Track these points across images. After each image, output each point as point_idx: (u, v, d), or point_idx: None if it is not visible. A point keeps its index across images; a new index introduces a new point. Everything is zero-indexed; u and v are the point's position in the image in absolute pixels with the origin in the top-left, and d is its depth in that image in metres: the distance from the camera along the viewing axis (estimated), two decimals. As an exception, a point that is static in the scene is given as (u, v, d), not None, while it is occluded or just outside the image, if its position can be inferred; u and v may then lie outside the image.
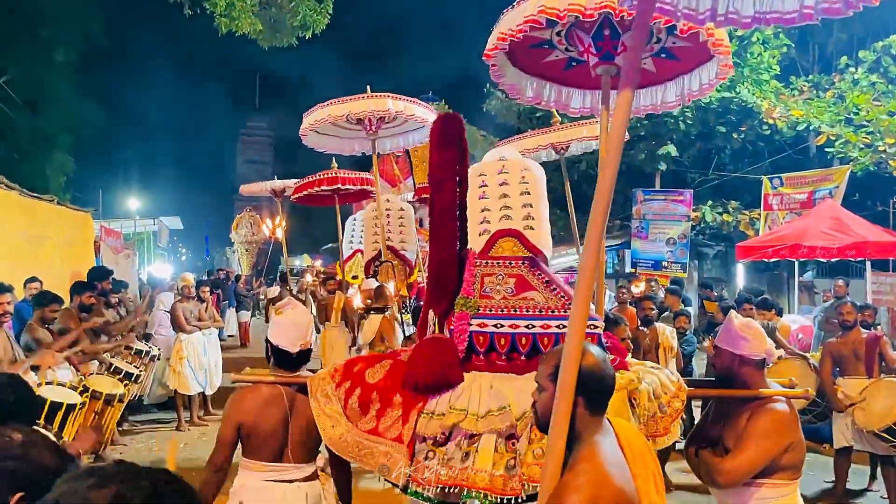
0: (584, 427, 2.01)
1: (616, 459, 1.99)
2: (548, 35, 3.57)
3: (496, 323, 2.84)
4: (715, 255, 18.46)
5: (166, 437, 7.95)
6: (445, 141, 3.17)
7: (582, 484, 1.86)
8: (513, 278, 2.94)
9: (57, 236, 10.87)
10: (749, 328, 2.98)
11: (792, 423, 2.86)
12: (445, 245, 3.03)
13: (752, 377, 2.96)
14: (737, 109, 14.46)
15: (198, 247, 52.63)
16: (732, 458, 2.85)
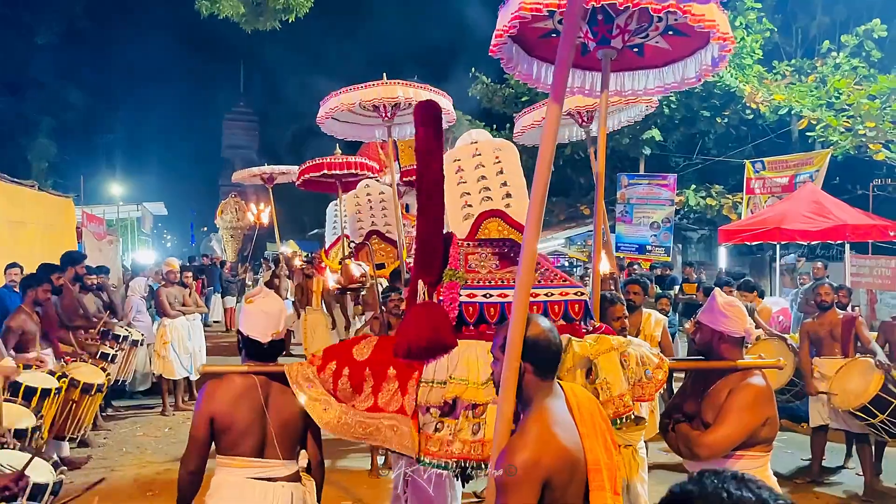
0: (534, 391, 2.17)
1: (563, 420, 2.13)
2: (552, 25, 3.70)
3: (485, 293, 2.86)
4: (699, 238, 18.60)
5: (150, 422, 7.96)
6: (428, 120, 3.16)
7: (527, 442, 2.03)
8: (496, 256, 3.03)
9: (37, 222, 10.78)
10: (731, 306, 3.06)
11: (769, 398, 2.95)
12: (432, 218, 3.04)
13: (731, 353, 3.04)
14: (720, 94, 14.53)
15: (183, 233, 52.32)
16: (713, 432, 2.91)
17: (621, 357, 2.73)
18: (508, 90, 17.87)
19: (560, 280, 2.93)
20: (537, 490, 2.00)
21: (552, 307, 2.83)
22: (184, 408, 8.51)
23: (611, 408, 2.64)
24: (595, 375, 2.68)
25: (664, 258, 14.24)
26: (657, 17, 3.54)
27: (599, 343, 2.74)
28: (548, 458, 2.01)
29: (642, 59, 4.05)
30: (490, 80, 18.36)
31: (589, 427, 2.16)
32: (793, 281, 12.72)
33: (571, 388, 2.27)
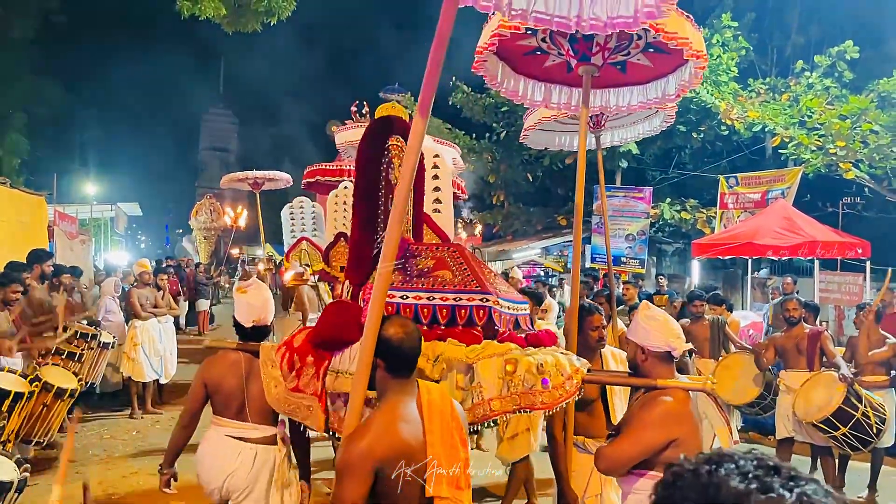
0: (386, 387, 2.38)
1: (407, 416, 2.30)
2: (535, 42, 3.79)
3: (402, 295, 3.05)
4: (673, 251, 18.81)
5: (118, 425, 7.86)
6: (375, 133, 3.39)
7: (364, 433, 2.23)
8: (434, 260, 3.18)
9: (8, 220, 10.60)
10: (651, 320, 2.90)
11: (679, 418, 2.76)
12: (364, 224, 3.27)
13: (655, 369, 2.87)
14: (696, 109, 14.73)
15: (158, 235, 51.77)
16: (611, 445, 2.89)
17: (506, 363, 2.74)
18: (489, 99, 17.95)
19: (473, 286, 3.00)
20: (368, 476, 2.17)
21: (459, 311, 2.96)
22: (152, 411, 8.41)
23: (479, 411, 2.74)
24: (471, 379, 2.77)
25: (639, 270, 14.38)
26: (636, 35, 3.62)
27: (483, 349, 2.82)
28: (380, 449, 2.18)
29: (625, 75, 4.14)
30: (470, 89, 18.44)
31: (436, 424, 2.30)
32: (764, 295, 12.93)
33: (427, 387, 2.42)
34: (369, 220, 3.28)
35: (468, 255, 3.21)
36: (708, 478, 0.97)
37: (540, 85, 4.39)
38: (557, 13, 2.68)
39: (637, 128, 5.87)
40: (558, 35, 3.70)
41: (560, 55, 3.90)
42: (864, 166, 11.73)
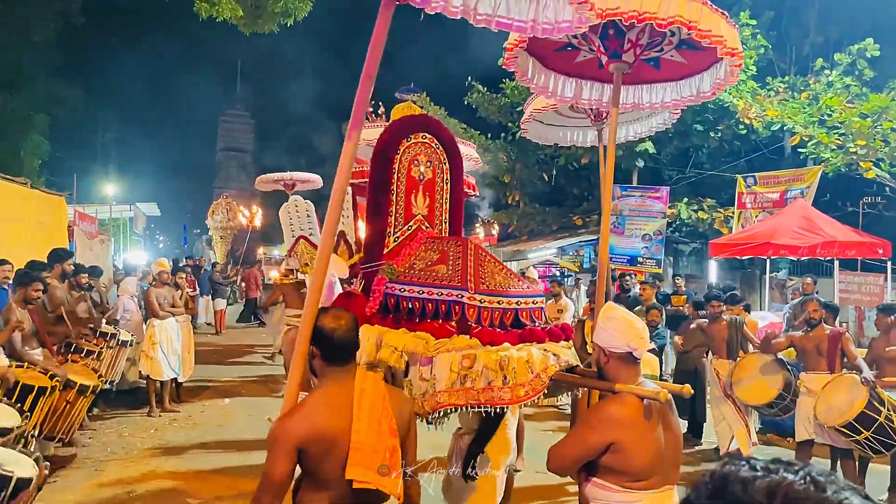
0: (321, 373, 2.55)
1: (334, 402, 2.45)
2: (566, 38, 3.78)
3: (401, 288, 3.20)
4: (690, 252, 18.68)
5: (136, 423, 7.92)
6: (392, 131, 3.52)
7: (291, 415, 2.43)
8: (439, 254, 3.30)
9: (29, 220, 10.73)
10: (610, 320, 2.80)
11: (621, 423, 2.64)
12: (376, 220, 3.42)
13: (616, 371, 2.77)
14: (714, 108, 14.61)
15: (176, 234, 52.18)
16: (557, 443, 2.86)
17: (463, 358, 2.82)
18: (504, 99, 17.93)
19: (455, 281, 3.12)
20: (289, 454, 2.34)
21: (440, 305, 3.08)
22: (170, 409, 8.47)
23: (431, 402, 2.86)
24: (430, 371, 2.88)
25: (655, 270, 14.29)
26: (670, 31, 3.57)
27: (446, 343, 2.92)
28: (302, 430, 2.35)
29: (659, 72, 4.08)
30: (486, 89, 18.42)
31: (364, 411, 2.43)
32: (782, 296, 12.80)
33: (363, 376, 2.55)
34: (382, 215, 3.39)
35: (470, 249, 3.21)
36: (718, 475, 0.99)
37: (571, 81, 4.33)
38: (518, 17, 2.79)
39: (640, 125, 5.75)
40: (589, 31, 3.67)
41: (591, 51, 3.86)
42: (885, 165, 11.58)
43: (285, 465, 2.35)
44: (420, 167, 3.51)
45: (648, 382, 2.81)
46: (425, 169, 3.54)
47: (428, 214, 3.60)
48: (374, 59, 2.62)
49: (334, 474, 2.39)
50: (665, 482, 2.72)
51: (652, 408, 2.69)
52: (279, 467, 2.34)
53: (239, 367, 11.87)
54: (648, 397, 2.66)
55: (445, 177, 3.68)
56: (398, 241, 3.46)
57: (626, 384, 2.73)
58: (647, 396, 2.66)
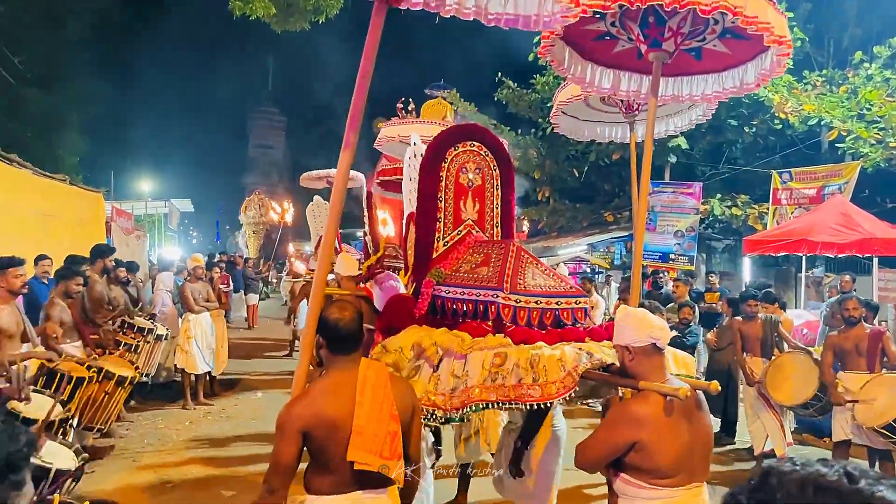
0: (328, 362, 2.72)
1: (337, 389, 2.60)
2: (604, 27, 3.73)
3: (447, 290, 3.36)
4: (723, 248, 18.39)
5: (172, 416, 8.07)
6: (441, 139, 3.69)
7: (296, 401, 2.60)
8: (483, 256, 3.41)
9: (68, 215, 10.97)
10: (628, 317, 2.83)
11: (643, 421, 2.65)
12: (425, 224, 3.60)
13: (642, 367, 2.76)
14: (748, 103, 14.35)
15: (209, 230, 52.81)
16: (582, 441, 2.90)
17: (495, 356, 2.89)
18: (534, 95, 17.83)
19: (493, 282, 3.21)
20: (294, 438, 2.50)
21: (478, 306, 3.20)
22: (204, 402, 8.61)
23: (463, 397, 2.92)
24: (463, 367, 2.97)
25: (688, 267, 14.12)
26: (713, 19, 3.48)
27: (480, 341, 3.02)
28: (306, 415, 2.52)
29: (700, 63, 3.98)
30: (516, 84, 18.34)
31: (367, 398, 2.57)
32: (818, 294, 12.56)
33: (367, 364, 2.71)
34: (430, 221, 3.57)
35: (512, 251, 3.30)
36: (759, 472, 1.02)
37: (609, 71, 4.26)
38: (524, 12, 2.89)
39: (679, 118, 5.62)
40: (628, 19, 3.60)
41: (630, 40, 3.78)
42: (927, 160, 11.30)
43: (291, 449, 2.50)
44: (469, 174, 3.69)
45: (675, 380, 2.80)
46: (474, 176, 3.70)
47: (478, 219, 3.76)
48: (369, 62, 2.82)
49: (337, 457, 2.54)
50: (693, 479, 2.72)
51: (675, 405, 2.68)
52: (285, 450, 2.50)
53: (271, 362, 12.02)
54: (669, 394, 2.65)
55: (496, 182, 3.81)
56: (447, 245, 3.64)
57: (651, 380, 2.73)
58: (668, 393, 2.66)
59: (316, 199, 8.51)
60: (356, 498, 2.61)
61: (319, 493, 2.61)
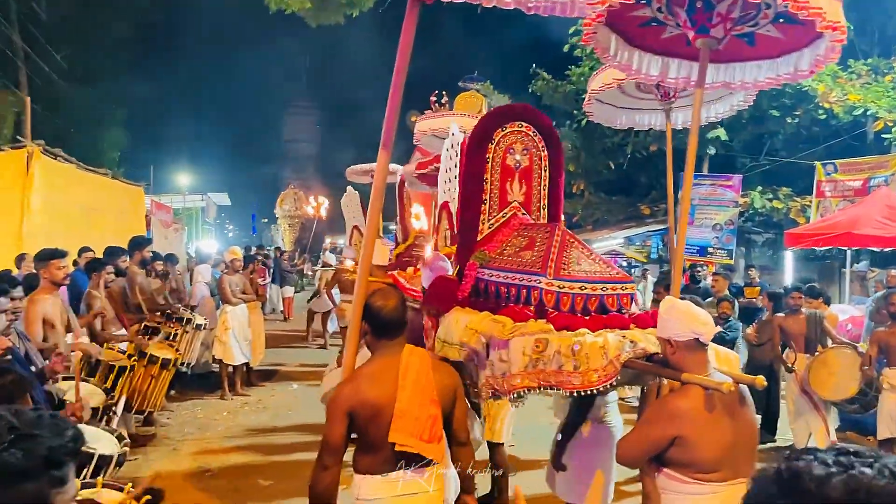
0: (373, 347, 2.85)
1: (381, 373, 2.73)
2: (650, 13, 3.64)
3: (490, 273, 3.34)
4: (763, 242, 18.03)
5: (210, 406, 8.20)
6: (486, 121, 3.60)
7: (344, 384, 2.79)
8: (528, 240, 3.37)
9: (110, 209, 11.22)
10: (671, 310, 2.77)
11: (683, 417, 2.63)
12: (470, 207, 3.55)
13: (685, 361, 2.70)
14: (791, 93, 14.01)
15: (244, 223, 53.48)
16: (623, 437, 2.90)
17: (536, 342, 2.83)
18: (569, 87, 17.65)
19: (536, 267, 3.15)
20: (341, 418, 2.67)
21: (521, 290, 3.13)
22: (241, 393, 8.72)
23: (505, 384, 2.89)
24: (507, 353, 2.92)
25: (726, 261, 13.88)
26: (765, 3, 3.38)
27: (522, 326, 2.95)
28: (352, 398, 2.68)
29: (753, 48, 3.85)
30: (551, 76, 18.17)
31: (409, 382, 2.70)
32: (863, 289, 12.23)
33: (410, 350, 2.82)
34: (475, 203, 3.53)
35: (557, 235, 3.23)
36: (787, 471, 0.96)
37: (657, 58, 4.10)
38: None
39: (721, 104, 5.45)
40: (675, 4, 3.51)
41: (677, 26, 3.68)
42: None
43: (339, 429, 2.67)
44: (516, 155, 3.61)
45: (718, 374, 2.73)
46: (521, 157, 3.62)
47: (524, 201, 3.69)
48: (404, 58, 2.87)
49: (380, 438, 2.67)
50: (737, 475, 2.67)
51: (718, 399, 2.63)
52: (334, 430, 2.68)
53: (307, 353, 12.13)
54: (711, 387, 2.59)
55: (544, 164, 3.73)
56: (493, 227, 3.59)
57: (693, 374, 2.68)
58: (711, 386, 2.59)
59: (349, 190, 8.54)
60: (398, 478, 2.73)
61: (365, 472, 2.77)
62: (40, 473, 1.10)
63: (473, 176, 3.55)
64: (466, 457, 2.96)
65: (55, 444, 1.13)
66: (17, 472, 1.07)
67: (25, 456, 1.08)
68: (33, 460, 1.09)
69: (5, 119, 16.77)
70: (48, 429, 1.14)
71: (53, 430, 1.15)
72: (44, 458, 1.11)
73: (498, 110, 3.72)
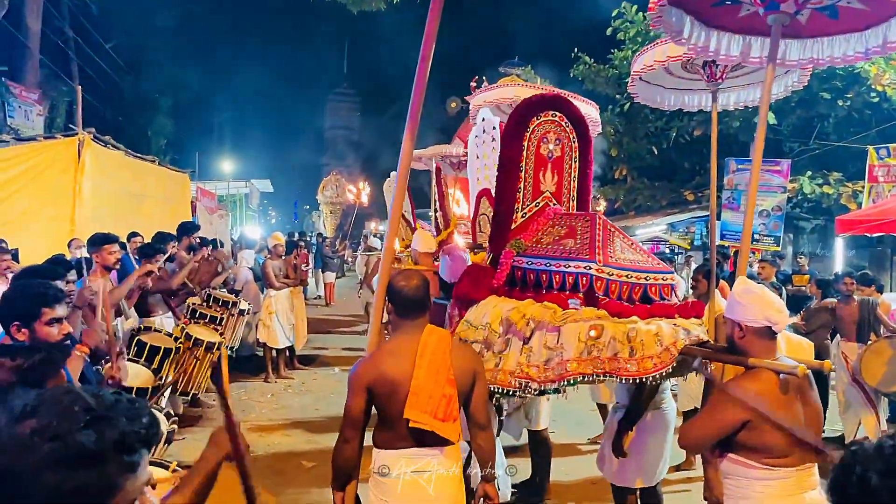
0: (395, 325, 2.95)
1: (400, 351, 2.82)
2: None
3: (528, 261, 3.30)
4: (812, 229, 17.55)
5: (255, 388, 8.36)
6: (522, 109, 3.53)
7: (365, 360, 2.90)
8: (567, 229, 3.34)
9: (158, 195, 11.47)
10: (748, 294, 2.71)
11: (756, 400, 2.58)
12: (505, 196, 3.52)
13: (752, 346, 2.68)
14: (843, 75, 13.56)
15: (287, 210, 54.21)
16: (689, 421, 2.87)
17: (591, 329, 2.82)
18: (612, 71, 17.37)
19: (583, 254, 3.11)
20: (361, 392, 2.79)
21: (567, 278, 3.07)
22: (285, 376, 8.88)
23: (558, 370, 2.87)
24: (556, 340, 2.91)
25: (773, 248, 13.55)
26: None
27: (573, 313, 2.93)
28: (370, 373, 2.79)
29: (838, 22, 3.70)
30: (593, 60, 17.91)
31: (425, 361, 2.76)
32: (918, 277, 11.83)
33: (430, 330, 2.89)
34: (511, 191, 3.50)
35: (599, 223, 3.21)
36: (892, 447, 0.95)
37: (737, 37, 3.93)
38: None
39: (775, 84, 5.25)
40: None
41: (751, 4, 3.54)
42: None
43: (358, 403, 2.79)
44: (549, 145, 3.58)
45: (785, 358, 2.70)
46: (554, 147, 3.59)
47: (556, 191, 3.65)
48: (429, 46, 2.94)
49: (396, 414, 2.76)
50: (805, 460, 2.64)
51: (789, 383, 2.61)
52: (354, 404, 2.80)
53: (347, 338, 12.27)
54: (785, 372, 2.57)
55: (574, 154, 3.69)
56: (526, 216, 3.57)
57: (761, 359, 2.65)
58: (785, 371, 2.57)
59: (393, 175, 8.55)
60: (413, 454, 2.81)
61: (383, 447, 2.86)
62: (112, 457, 1.09)
63: (510, 163, 3.50)
64: (486, 441, 2.97)
65: (129, 429, 1.12)
66: (89, 454, 1.07)
67: (99, 439, 1.08)
68: (106, 443, 1.09)
69: (58, 108, 17.28)
70: (124, 413, 1.13)
71: (129, 414, 1.14)
72: (117, 442, 1.10)
73: (533, 98, 3.64)
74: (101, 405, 1.12)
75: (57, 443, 1.05)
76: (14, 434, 1.06)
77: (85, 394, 1.13)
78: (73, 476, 1.06)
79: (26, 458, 1.04)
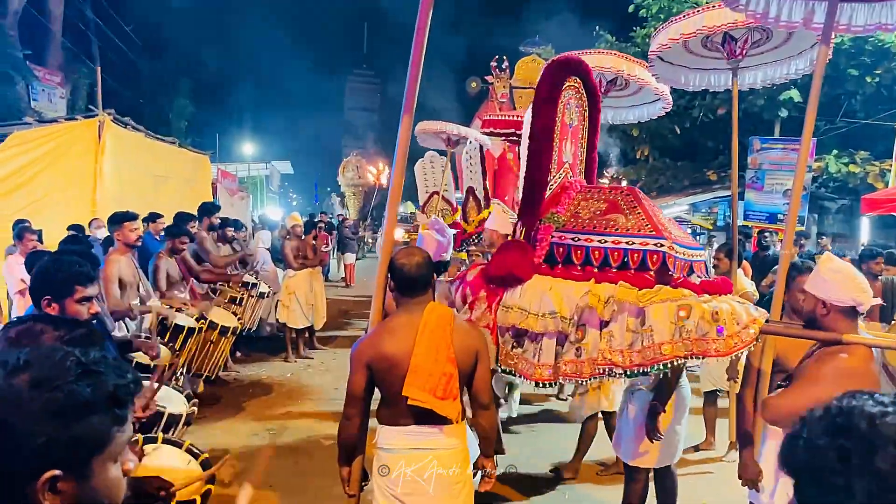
0: (397, 302, 2.94)
1: (399, 328, 2.80)
2: None
3: (574, 237, 3.07)
4: (838, 209, 17.27)
5: (274, 368, 8.43)
6: (552, 74, 3.30)
7: (364, 337, 2.91)
8: (606, 203, 3.14)
9: (178, 176, 11.53)
10: (836, 272, 2.67)
11: (855, 376, 2.52)
12: (537, 167, 3.27)
13: (837, 324, 2.65)
14: (872, 51, 13.25)
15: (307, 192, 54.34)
16: (780, 395, 2.74)
17: (679, 309, 2.68)
18: (634, 48, 17.13)
19: (647, 230, 2.92)
20: (361, 369, 2.78)
21: (631, 255, 2.89)
22: (304, 356, 8.94)
23: (649, 354, 2.71)
24: (642, 322, 2.75)
25: (798, 228, 13.34)
26: None
27: (656, 293, 2.76)
28: (370, 350, 2.78)
29: None
30: (615, 38, 17.67)
31: (426, 339, 2.73)
32: (946, 257, 11.58)
33: (432, 309, 2.83)
34: (544, 163, 3.28)
35: (642, 198, 3.11)
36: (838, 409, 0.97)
37: (799, 2, 3.67)
38: None
39: (795, 62, 5.12)
40: None
41: None
42: None
43: (359, 379, 2.80)
44: (572, 113, 3.39)
45: (865, 333, 2.72)
46: (574, 115, 3.41)
47: (573, 162, 3.48)
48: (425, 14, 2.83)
49: (396, 391, 2.74)
50: None
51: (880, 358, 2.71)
52: (354, 381, 2.82)
53: (368, 319, 12.30)
54: (883, 346, 2.62)
55: (586, 125, 3.54)
56: (552, 189, 3.34)
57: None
58: (882, 346, 2.61)
59: (428, 155, 8.36)
60: (413, 431, 2.81)
61: (385, 423, 2.88)
62: (106, 409, 1.12)
63: (545, 131, 3.23)
64: (487, 419, 2.96)
65: (119, 382, 1.16)
66: (85, 404, 1.09)
67: (93, 390, 1.11)
68: (100, 395, 1.12)
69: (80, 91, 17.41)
70: (112, 369, 1.17)
71: (116, 370, 1.18)
72: (109, 395, 1.13)
73: (562, 60, 3.41)
74: (90, 360, 1.15)
75: (54, 393, 1.07)
76: (10, 385, 1.07)
77: (73, 350, 1.16)
78: (69, 427, 1.08)
79: (22, 409, 1.06)
